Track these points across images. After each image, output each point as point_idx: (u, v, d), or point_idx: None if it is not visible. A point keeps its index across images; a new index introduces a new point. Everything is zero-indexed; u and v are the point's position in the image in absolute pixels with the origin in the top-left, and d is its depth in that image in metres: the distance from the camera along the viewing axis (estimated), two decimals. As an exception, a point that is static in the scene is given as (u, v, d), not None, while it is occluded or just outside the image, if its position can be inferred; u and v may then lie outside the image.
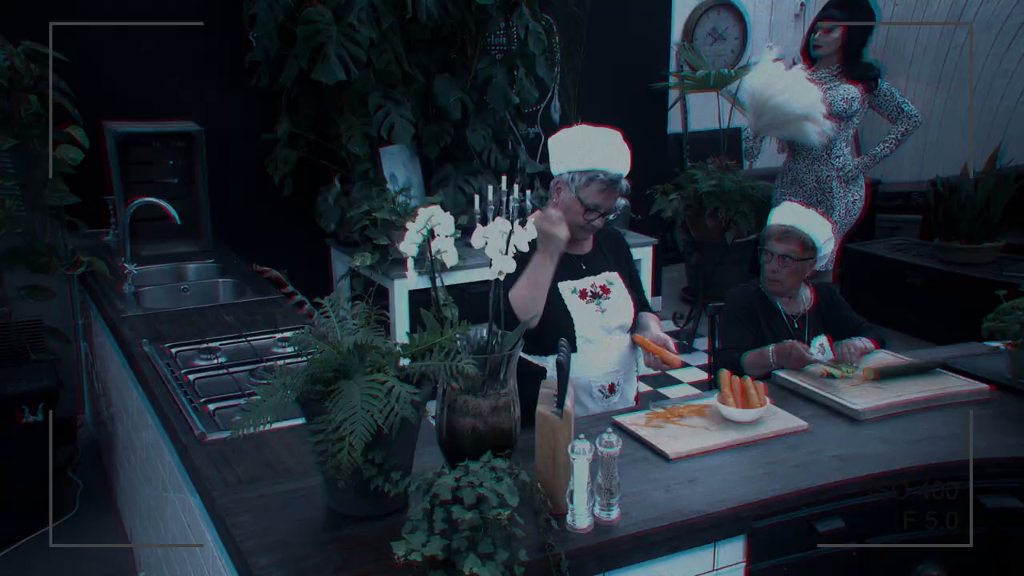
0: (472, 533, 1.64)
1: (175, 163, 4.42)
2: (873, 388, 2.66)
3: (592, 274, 2.87)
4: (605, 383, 2.84)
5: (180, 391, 2.58)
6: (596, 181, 2.70)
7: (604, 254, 2.95)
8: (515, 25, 5.03)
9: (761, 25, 8.27)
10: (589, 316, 2.80)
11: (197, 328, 3.19)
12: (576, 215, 2.74)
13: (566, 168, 2.74)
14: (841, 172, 4.93)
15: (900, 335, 5.94)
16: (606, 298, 2.84)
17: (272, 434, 2.25)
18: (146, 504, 3.14)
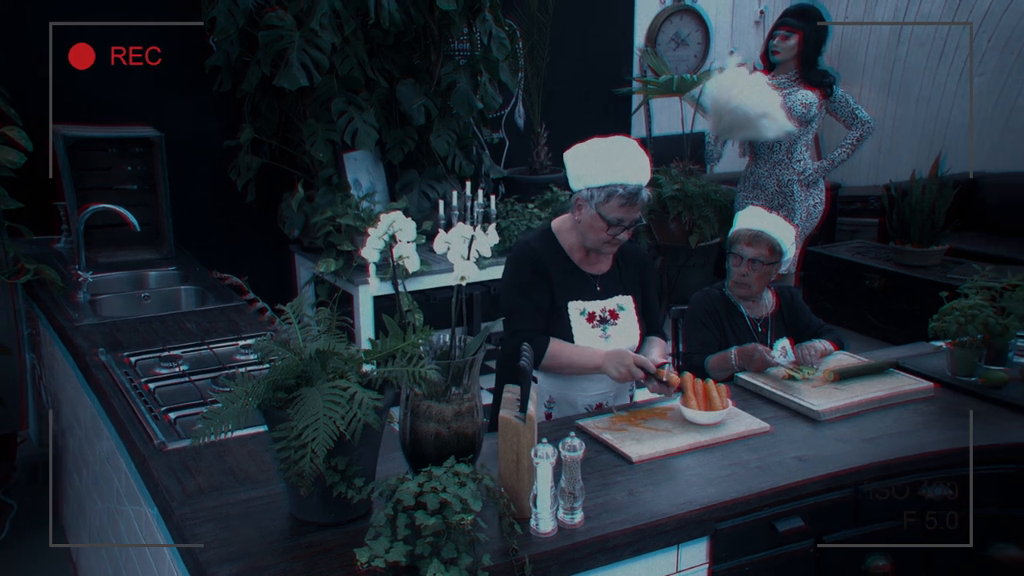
0: (435, 538, 1.64)
1: (134, 169, 4.33)
2: (832, 389, 2.70)
3: (605, 297, 2.79)
4: (592, 402, 2.81)
5: (139, 400, 2.53)
6: (615, 196, 2.58)
7: (622, 275, 2.85)
8: (478, 30, 5.04)
9: (723, 31, 8.35)
10: (591, 341, 2.73)
11: (158, 336, 3.14)
12: (600, 231, 2.64)
13: (584, 185, 2.63)
14: (802, 176, 5.01)
15: (860, 336, 6.03)
16: (613, 324, 2.78)
17: (235, 442, 2.23)
18: (97, 520, 3.07)
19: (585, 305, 2.75)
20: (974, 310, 2.70)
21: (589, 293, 2.77)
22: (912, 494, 2.31)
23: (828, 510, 2.22)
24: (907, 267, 5.94)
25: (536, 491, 1.87)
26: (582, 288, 2.76)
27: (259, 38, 4.33)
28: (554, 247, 2.77)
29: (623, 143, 2.64)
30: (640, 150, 2.64)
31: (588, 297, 2.76)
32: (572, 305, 2.73)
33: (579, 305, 2.74)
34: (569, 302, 2.73)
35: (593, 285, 2.78)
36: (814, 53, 4.96)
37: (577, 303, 2.74)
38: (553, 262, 2.73)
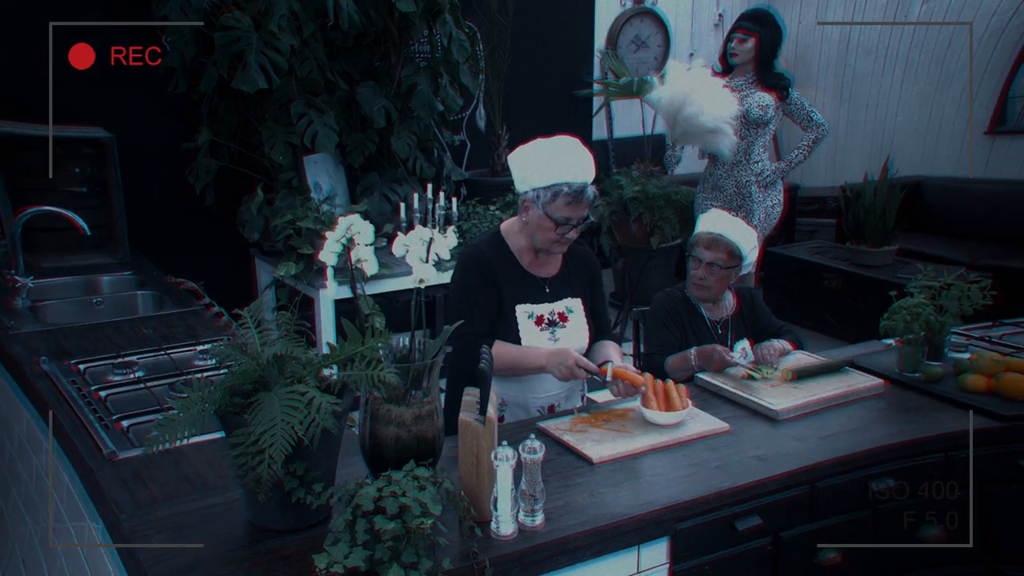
0: (395, 543, 1.64)
1: (83, 171, 4.17)
2: (790, 388, 2.74)
3: (553, 300, 2.80)
4: (544, 404, 2.81)
5: (87, 409, 2.45)
6: (561, 195, 2.59)
7: (570, 277, 2.87)
8: (438, 33, 5.03)
9: (683, 33, 8.43)
10: (540, 344, 2.73)
11: (112, 343, 3.06)
12: (548, 231, 2.65)
13: (530, 186, 2.64)
14: (760, 177, 5.07)
15: (819, 336, 6.11)
16: (562, 327, 2.79)
17: (192, 448, 2.19)
18: (23, 546, 2.93)
19: (533, 308, 2.76)
20: (918, 309, 2.76)
21: (538, 296, 2.77)
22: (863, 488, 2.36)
23: (785, 507, 2.25)
24: (862, 267, 6.04)
25: (496, 494, 1.86)
26: (530, 291, 2.77)
27: (215, 39, 4.28)
28: (503, 250, 2.78)
29: (566, 142, 2.65)
30: (583, 148, 2.65)
31: (537, 300, 2.77)
32: (519, 308, 2.74)
33: (527, 308, 2.75)
34: (516, 305, 2.73)
35: (542, 288, 2.79)
36: (770, 56, 5.04)
37: (524, 306, 2.74)
38: (501, 265, 2.74)
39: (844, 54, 8.20)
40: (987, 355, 2.76)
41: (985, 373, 2.69)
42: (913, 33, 7.56)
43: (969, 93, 7.19)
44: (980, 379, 2.68)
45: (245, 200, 4.71)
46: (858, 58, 8.09)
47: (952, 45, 7.25)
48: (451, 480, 1.87)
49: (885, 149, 7.74)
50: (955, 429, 2.49)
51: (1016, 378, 2.62)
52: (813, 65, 8.52)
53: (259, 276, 5.05)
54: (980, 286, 2.82)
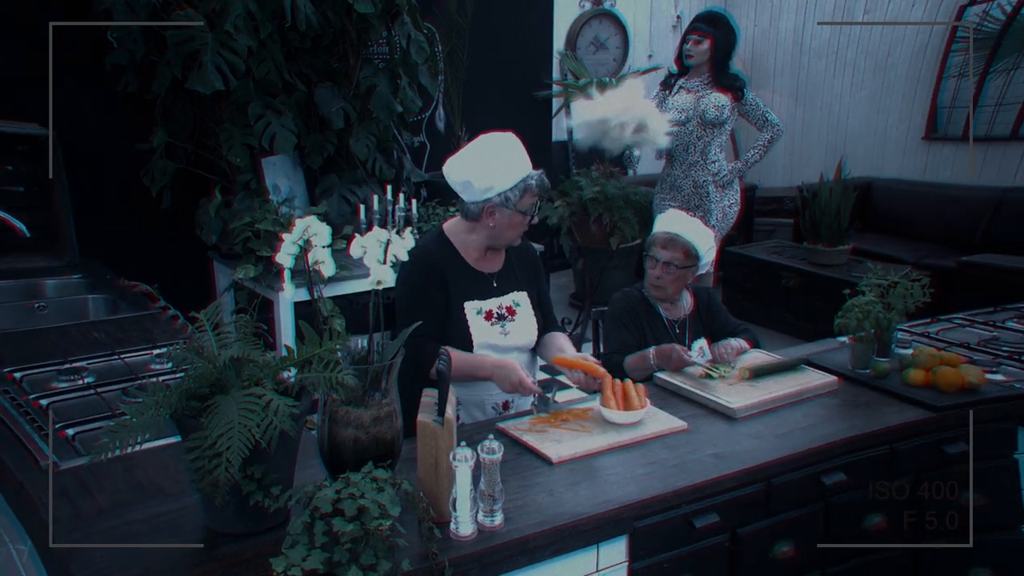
0: (353, 545, 1.63)
1: (16, 169, 3.96)
2: (747, 387, 2.77)
3: (500, 294, 2.84)
4: (499, 400, 2.84)
5: (23, 419, 2.33)
6: (530, 190, 2.70)
7: (515, 271, 2.91)
8: (397, 34, 5.01)
9: (641, 35, 8.50)
10: (491, 338, 2.77)
11: (58, 348, 2.95)
12: (519, 226, 2.74)
13: (496, 191, 2.67)
14: (716, 177, 5.13)
15: (777, 334, 6.19)
16: (511, 320, 2.83)
17: (146, 454, 2.16)
18: None
19: (481, 304, 2.80)
20: (869, 306, 2.82)
21: (485, 291, 2.82)
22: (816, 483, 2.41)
23: (742, 504, 2.27)
24: (818, 266, 6.15)
25: (455, 494, 1.87)
26: (479, 287, 2.81)
27: (167, 37, 4.21)
28: (449, 249, 2.81)
29: (508, 139, 2.71)
30: (518, 140, 2.73)
31: (485, 296, 2.81)
32: (468, 305, 2.77)
33: (475, 304, 2.78)
34: (465, 302, 2.77)
35: (489, 283, 2.84)
36: (725, 58, 5.11)
37: (473, 303, 2.78)
38: (448, 264, 2.77)
39: (797, 57, 8.41)
40: (926, 350, 2.85)
41: (924, 367, 2.78)
42: (858, 40, 7.87)
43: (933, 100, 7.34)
44: (920, 373, 2.76)
45: (203, 202, 4.66)
46: (811, 61, 8.29)
47: (891, 54, 7.58)
48: (410, 481, 1.87)
49: (839, 150, 7.96)
50: (898, 422, 2.57)
51: (948, 371, 2.72)
52: (768, 67, 8.69)
53: (217, 279, 5.00)
54: (921, 284, 2.89)
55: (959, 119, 7.06)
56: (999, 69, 6.64)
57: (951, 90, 7.14)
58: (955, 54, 7.02)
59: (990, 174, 6.87)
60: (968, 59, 6.84)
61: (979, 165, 6.94)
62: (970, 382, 2.69)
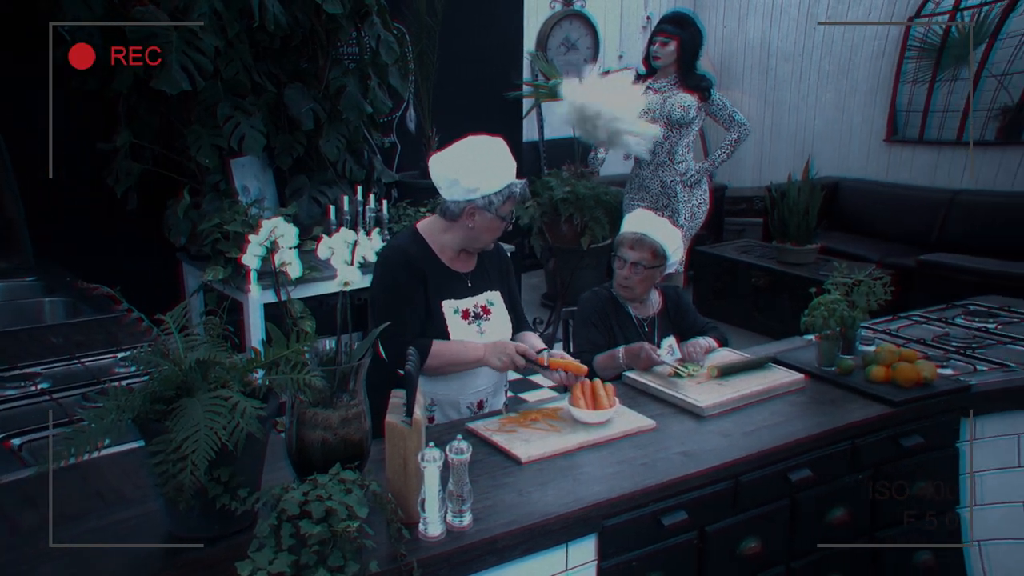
0: (321, 547, 1.63)
1: None
2: (715, 385, 2.79)
3: (475, 293, 2.85)
4: (474, 400, 2.85)
5: None
6: (512, 196, 2.72)
7: (488, 271, 2.93)
8: (366, 34, 4.99)
9: (612, 35, 8.54)
10: (468, 337, 2.78)
11: (6, 354, 2.85)
12: (496, 230, 2.76)
13: (481, 193, 2.68)
14: (684, 177, 5.17)
15: (747, 333, 6.24)
16: (486, 319, 2.84)
17: (106, 460, 2.12)
18: None
19: (458, 303, 2.80)
20: (834, 305, 2.86)
21: (461, 291, 2.82)
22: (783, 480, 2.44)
23: (710, 502, 2.29)
24: (787, 265, 6.21)
25: (424, 495, 1.87)
26: (454, 286, 2.81)
27: (127, 33, 4.10)
28: (425, 248, 2.81)
29: (497, 145, 2.72)
30: (505, 146, 2.74)
31: (460, 295, 2.82)
32: (446, 304, 2.78)
33: (452, 303, 2.79)
34: (443, 301, 2.77)
35: (464, 282, 2.84)
36: (691, 58, 5.15)
37: (450, 301, 2.79)
38: (425, 263, 2.77)
39: (765, 59, 8.51)
40: (886, 347, 2.89)
41: (884, 364, 2.82)
42: (822, 43, 8.04)
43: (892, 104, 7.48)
44: (881, 370, 2.81)
45: (171, 204, 4.61)
46: (778, 63, 8.41)
47: (852, 59, 7.79)
48: (378, 482, 1.86)
49: (806, 151, 8.07)
50: (861, 418, 2.61)
51: (906, 367, 2.77)
52: (737, 68, 8.78)
53: (187, 281, 4.96)
54: (883, 283, 2.93)
55: (916, 122, 7.30)
56: (944, 79, 6.99)
57: (907, 95, 7.37)
58: (908, 61, 7.28)
59: (942, 177, 7.11)
60: (919, 66, 7.18)
61: (932, 168, 7.21)
62: (924, 377, 2.76)
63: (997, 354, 3.08)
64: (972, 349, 3.15)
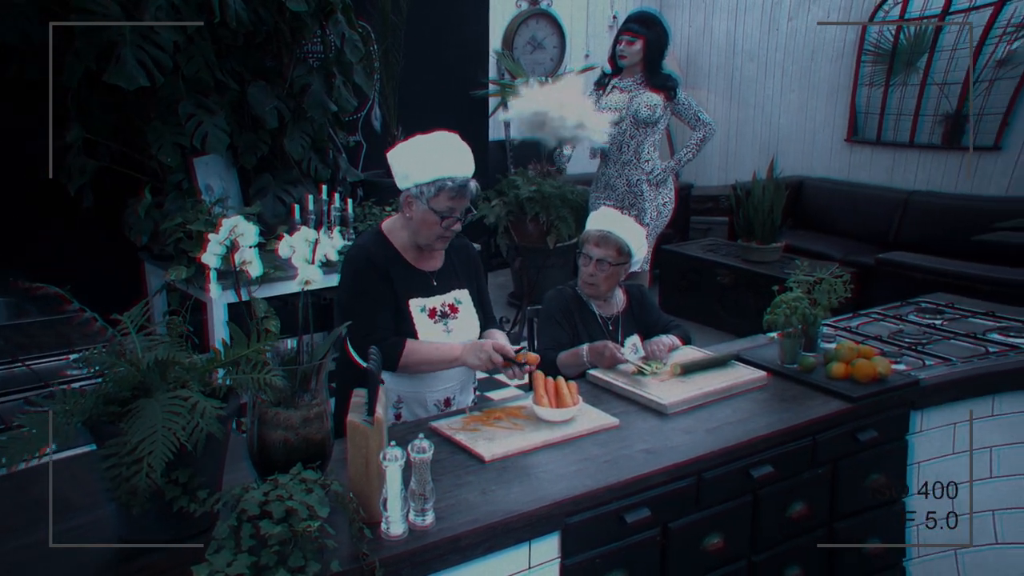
0: (281, 547, 1.62)
1: None
2: (678, 383, 2.81)
3: (442, 292, 2.84)
4: (441, 397, 2.85)
5: None
6: (445, 190, 2.66)
7: (455, 269, 2.92)
8: (331, 33, 4.97)
9: (578, 34, 8.55)
10: (435, 336, 2.77)
11: None
12: (433, 225, 2.70)
13: (412, 182, 2.67)
14: (650, 176, 5.19)
15: (713, 331, 6.29)
16: (453, 318, 2.83)
17: (58, 465, 2.07)
18: None
19: (424, 301, 2.79)
20: (796, 302, 2.89)
21: (427, 290, 2.81)
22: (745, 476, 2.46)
23: (673, 499, 2.31)
24: (752, 263, 6.26)
25: (386, 494, 1.87)
26: (420, 285, 2.80)
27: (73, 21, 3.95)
28: (388, 248, 2.80)
29: (446, 137, 2.71)
30: (463, 143, 2.72)
31: (426, 294, 2.81)
32: (413, 303, 2.77)
33: (419, 302, 2.78)
34: (410, 300, 2.76)
35: (429, 281, 2.83)
36: (657, 58, 5.18)
37: (417, 300, 2.78)
38: (390, 262, 2.77)
39: (731, 58, 8.59)
40: (846, 344, 2.93)
41: (844, 361, 2.86)
42: (785, 44, 8.16)
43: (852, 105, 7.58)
44: (840, 366, 2.84)
45: (130, 203, 4.55)
46: (743, 63, 8.50)
47: (814, 59, 7.92)
48: (340, 482, 1.86)
49: (771, 150, 8.17)
50: (821, 414, 2.64)
51: (864, 363, 2.81)
52: (703, 68, 8.85)
53: (149, 281, 4.90)
54: (843, 281, 2.97)
55: (874, 124, 7.48)
56: (897, 83, 7.22)
57: (865, 97, 7.53)
58: (864, 64, 7.45)
59: (899, 177, 7.32)
60: (874, 70, 7.39)
61: (890, 168, 7.42)
62: (880, 373, 2.80)
63: (942, 349, 3.17)
64: (922, 345, 3.22)
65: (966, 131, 6.65)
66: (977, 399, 2.94)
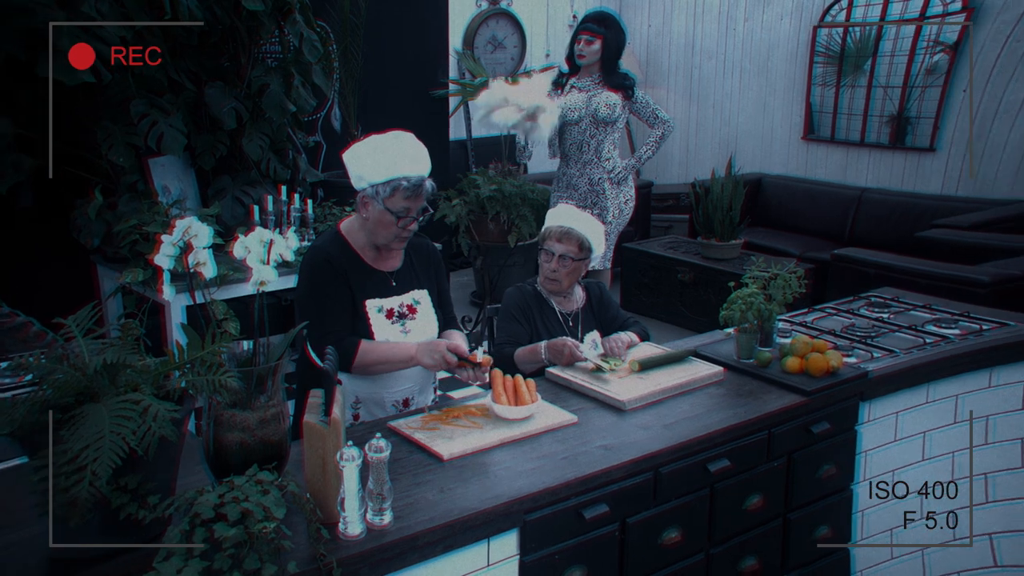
0: (236, 550, 1.61)
1: None
2: (637, 379, 2.83)
3: (400, 292, 2.84)
4: (399, 398, 2.85)
5: None
6: (400, 189, 2.65)
7: (414, 269, 2.92)
8: (289, 33, 4.93)
9: (538, 34, 8.57)
10: (392, 337, 2.77)
11: None
12: (389, 225, 2.70)
13: (368, 182, 2.67)
14: (611, 174, 5.23)
15: (673, 327, 6.34)
16: (411, 319, 2.83)
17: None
18: None
19: (382, 302, 2.79)
20: (751, 298, 2.92)
21: (385, 290, 2.81)
22: (702, 470, 2.49)
23: (631, 494, 2.33)
24: (712, 260, 6.32)
25: (343, 494, 1.86)
26: (377, 286, 2.80)
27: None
28: (346, 249, 2.80)
29: (400, 137, 2.71)
30: (418, 143, 2.72)
31: (384, 294, 2.80)
32: (370, 303, 2.77)
33: (376, 303, 2.78)
34: (367, 300, 2.76)
35: (388, 281, 2.83)
36: (615, 57, 5.22)
37: (374, 301, 2.78)
38: (347, 263, 2.76)
39: (690, 57, 8.66)
40: (800, 338, 2.98)
41: (798, 355, 2.90)
42: (743, 43, 8.27)
43: (807, 104, 7.68)
44: (795, 360, 2.89)
45: (80, 204, 4.45)
46: (702, 61, 8.58)
47: (770, 58, 8.03)
48: (297, 483, 1.86)
49: (731, 147, 8.26)
50: (776, 408, 2.68)
51: (817, 357, 2.86)
52: (663, 67, 8.91)
53: (102, 284, 4.81)
54: (797, 276, 3.01)
55: (828, 122, 7.66)
56: (847, 84, 7.44)
57: (819, 96, 7.70)
58: (817, 65, 7.63)
59: (852, 175, 7.52)
60: (826, 71, 7.61)
61: (843, 166, 7.61)
62: (832, 366, 2.85)
63: (888, 342, 3.26)
64: (871, 338, 3.30)
65: (908, 132, 7.03)
66: (914, 388, 3.05)
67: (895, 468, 3.08)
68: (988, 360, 3.17)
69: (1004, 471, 3.28)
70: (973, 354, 3.14)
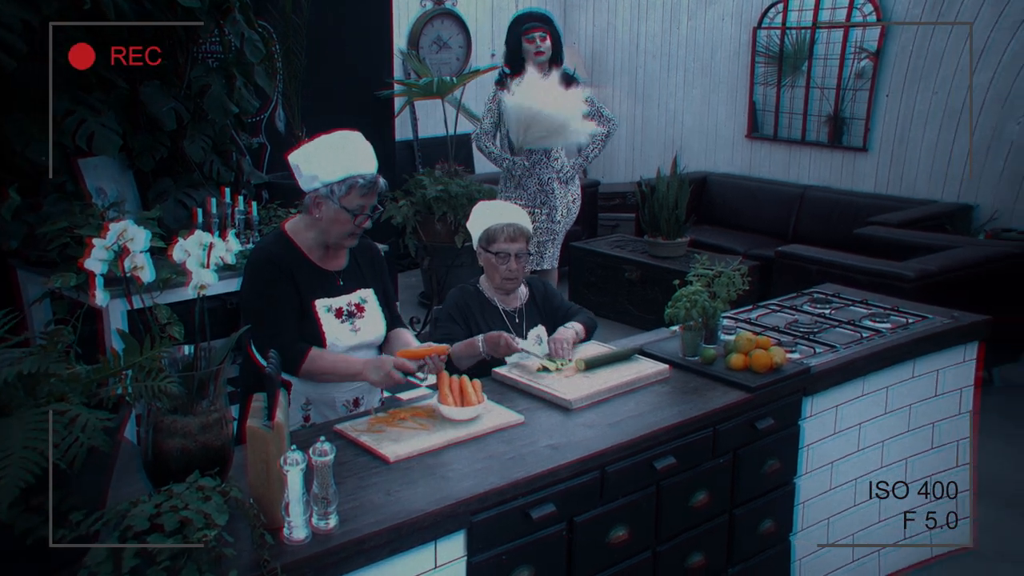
0: (172, 563, 1.56)
1: None
2: (582, 378, 2.84)
3: (347, 291, 2.83)
4: (350, 398, 2.84)
5: None
6: (356, 187, 2.66)
7: (360, 269, 2.91)
8: (229, 32, 4.85)
9: (484, 34, 8.57)
10: (342, 335, 2.76)
11: None
12: (344, 224, 2.69)
13: (321, 182, 2.66)
14: (560, 173, 5.25)
15: (621, 325, 6.38)
16: (360, 317, 2.82)
17: None
18: None
19: (331, 301, 2.78)
20: (695, 296, 2.94)
21: (332, 289, 2.80)
22: (648, 468, 2.50)
23: (578, 493, 2.33)
24: (658, 258, 6.37)
25: (288, 499, 1.84)
26: (324, 285, 2.79)
27: None
28: (291, 249, 2.78)
29: (349, 136, 2.71)
30: (365, 140, 2.73)
31: (332, 293, 2.80)
32: (319, 303, 2.75)
33: (325, 302, 2.77)
34: (315, 300, 2.75)
35: (335, 280, 2.82)
36: (560, 53, 5.25)
37: (323, 300, 2.76)
38: (293, 264, 2.74)
39: (634, 56, 8.73)
40: (744, 335, 3.00)
41: (742, 351, 2.93)
42: (686, 42, 8.39)
43: (750, 102, 7.79)
44: (739, 357, 2.91)
45: (-8, 204, 4.19)
46: (646, 61, 8.65)
47: (713, 57, 8.17)
48: (240, 488, 1.82)
49: (676, 146, 8.34)
50: (721, 405, 2.71)
51: (761, 354, 2.89)
52: (608, 66, 8.97)
53: (24, 289, 4.60)
54: (741, 273, 3.03)
55: (770, 121, 7.80)
56: (787, 84, 7.62)
57: (762, 95, 7.84)
58: (758, 64, 7.78)
59: (794, 172, 7.69)
60: (766, 71, 7.77)
61: (786, 164, 7.75)
62: (776, 362, 2.88)
63: (829, 337, 3.31)
64: (813, 333, 3.34)
65: (844, 132, 7.27)
66: (852, 381, 3.11)
67: (833, 460, 3.13)
68: (911, 352, 3.27)
69: (919, 454, 3.42)
70: (899, 347, 3.23)
